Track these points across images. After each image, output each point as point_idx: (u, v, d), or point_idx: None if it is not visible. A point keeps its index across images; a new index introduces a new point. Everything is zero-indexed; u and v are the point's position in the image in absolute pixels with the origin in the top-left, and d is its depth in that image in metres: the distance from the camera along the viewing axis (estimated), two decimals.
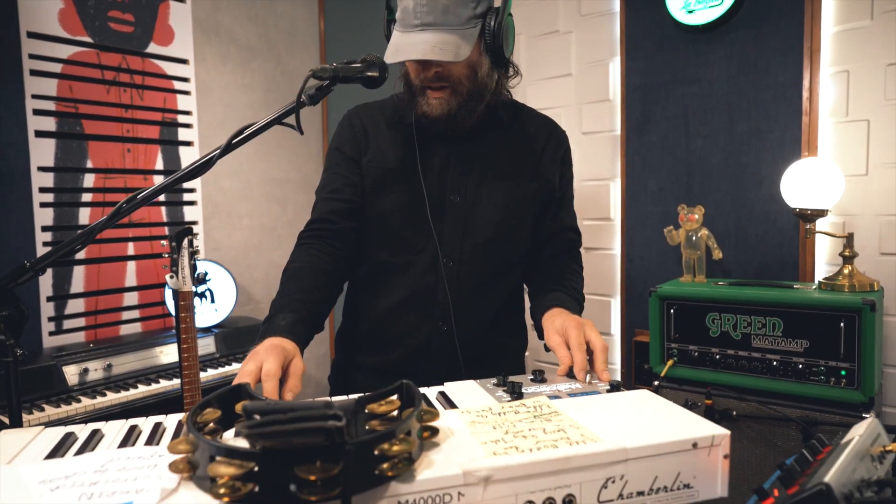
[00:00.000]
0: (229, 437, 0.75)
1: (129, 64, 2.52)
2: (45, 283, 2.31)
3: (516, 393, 0.90)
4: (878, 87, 2.04)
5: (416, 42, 1.10)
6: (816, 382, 1.77)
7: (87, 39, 2.39)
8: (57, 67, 2.32)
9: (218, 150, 0.93)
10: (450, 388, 0.96)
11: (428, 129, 1.25)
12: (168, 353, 2.36)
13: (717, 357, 1.94)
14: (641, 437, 0.69)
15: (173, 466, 0.62)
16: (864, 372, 1.69)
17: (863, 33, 2.06)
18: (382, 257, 1.28)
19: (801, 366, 1.79)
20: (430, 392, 0.95)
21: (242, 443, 0.72)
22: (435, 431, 0.69)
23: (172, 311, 2.57)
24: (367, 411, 0.71)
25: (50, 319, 2.34)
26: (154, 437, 0.79)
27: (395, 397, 0.73)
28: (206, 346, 2.44)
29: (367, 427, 0.71)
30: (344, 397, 0.77)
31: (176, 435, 0.80)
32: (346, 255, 1.27)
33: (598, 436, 0.70)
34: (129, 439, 0.78)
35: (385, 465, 0.60)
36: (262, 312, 2.98)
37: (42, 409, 1.91)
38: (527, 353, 3.04)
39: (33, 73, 2.26)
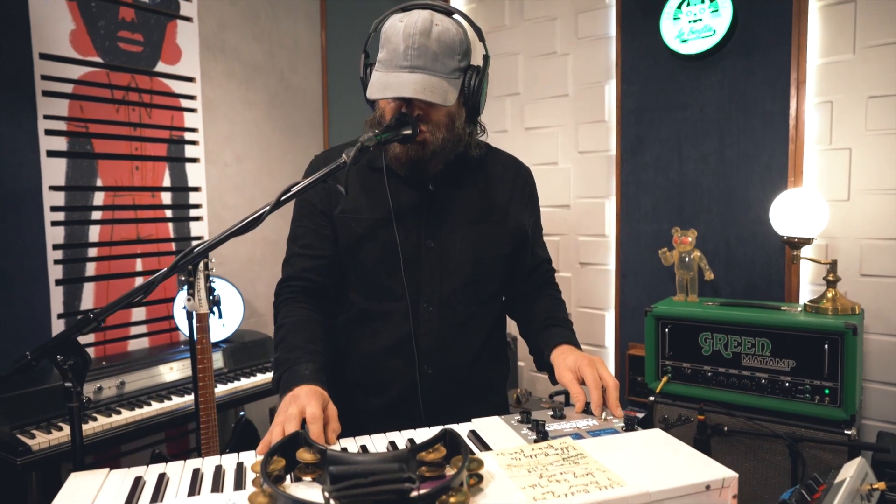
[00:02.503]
0: (288, 485, 0.83)
1: (137, 83, 2.56)
2: (57, 300, 2.36)
3: (541, 432, 0.99)
4: (859, 117, 2.16)
5: (405, 81, 1.12)
6: (802, 400, 1.89)
7: (98, 59, 2.43)
8: (68, 88, 2.36)
9: (268, 207, 1.00)
10: (478, 425, 1.05)
11: (398, 173, 1.26)
12: (176, 370, 2.41)
13: (709, 374, 2.06)
14: (661, 480, 0.79)
15: None
16: (846, 391, 1.81)
17: (846, 66, 2.18)
18: (362, 305, 1.30)
19: (787, 384, 1.91)
20: (461, 429, 1.04)
21: (305, 489, 0.80)
22: (480, 478, 0.78)
23: (180, 326, 2.62)
24: (417, 459, 0.80)
25: None
26: (218, 483, 0.87)
27: (440, 444, 0.82)
28: (214, 361, 2.50)
29: (416, 473, 0.80)
30: (396, 433, 0.84)
31: (237, 479, 0.88)
32: (327, 307, 1.32)
33: (623, 479, 0.79)
34: (195, 485, 0.86)
35: None
36: (265, 325, 3.04)
37: (60, 429, 1.96)
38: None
39: (45, 93, 2.29)
